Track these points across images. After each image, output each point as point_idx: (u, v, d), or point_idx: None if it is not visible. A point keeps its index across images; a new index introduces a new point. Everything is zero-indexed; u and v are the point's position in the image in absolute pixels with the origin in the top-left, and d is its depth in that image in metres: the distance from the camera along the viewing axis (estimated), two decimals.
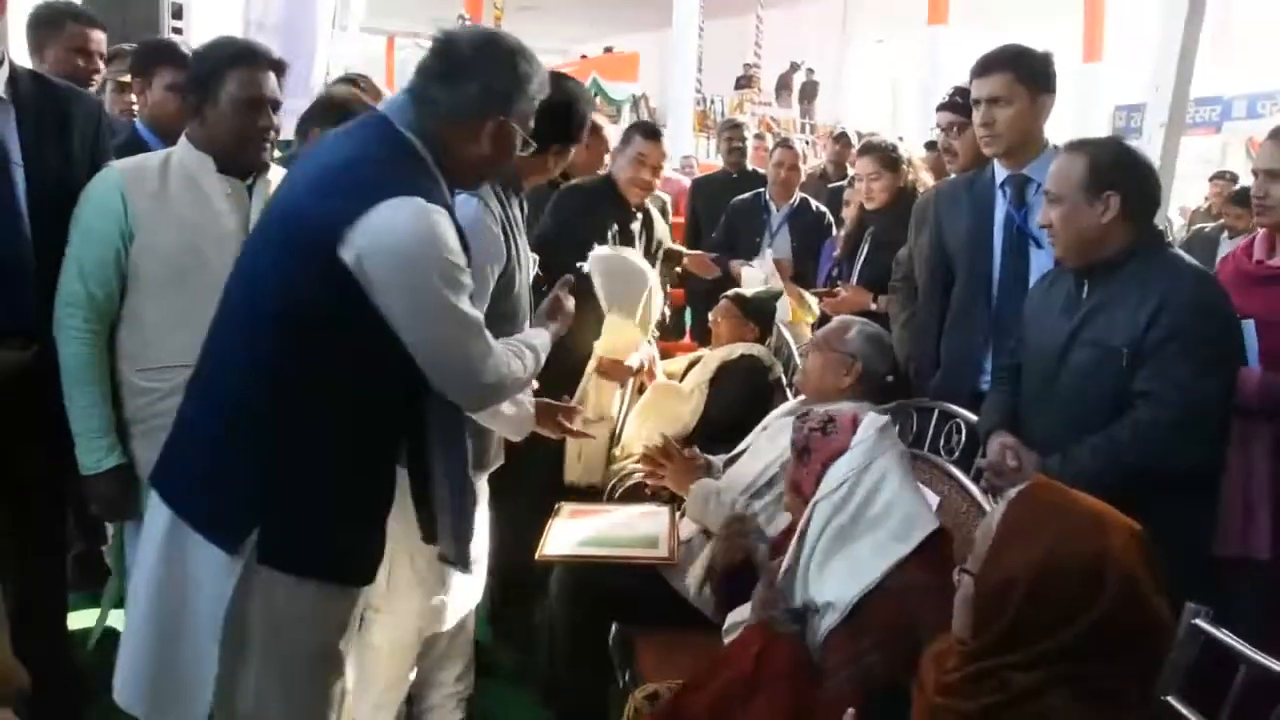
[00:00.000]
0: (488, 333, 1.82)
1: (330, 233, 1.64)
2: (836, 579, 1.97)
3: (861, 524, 2.00)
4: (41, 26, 3.39)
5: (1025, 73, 2.61)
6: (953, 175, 3.29)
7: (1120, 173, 2.13)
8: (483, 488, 2.52)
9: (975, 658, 1.43)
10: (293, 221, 1.74)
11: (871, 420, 2.12)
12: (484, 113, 1.81)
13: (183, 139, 2.31)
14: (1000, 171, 2.71)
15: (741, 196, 5.11)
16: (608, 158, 3.91)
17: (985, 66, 2.65)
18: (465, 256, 1.76)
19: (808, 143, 13.82)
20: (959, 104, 3.14)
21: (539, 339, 2.11)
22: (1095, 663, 1.34)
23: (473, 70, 1.80)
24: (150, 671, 1.81)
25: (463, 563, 2.03)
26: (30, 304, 2.30)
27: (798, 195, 5.05)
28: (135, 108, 3.44)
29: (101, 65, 3.50)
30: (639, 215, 3.73)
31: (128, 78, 3.75)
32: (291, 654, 1.80)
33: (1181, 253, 2.23)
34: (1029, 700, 1.34)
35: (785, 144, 5.18)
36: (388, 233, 1.64)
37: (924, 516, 2.02)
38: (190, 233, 2.22)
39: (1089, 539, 1.36)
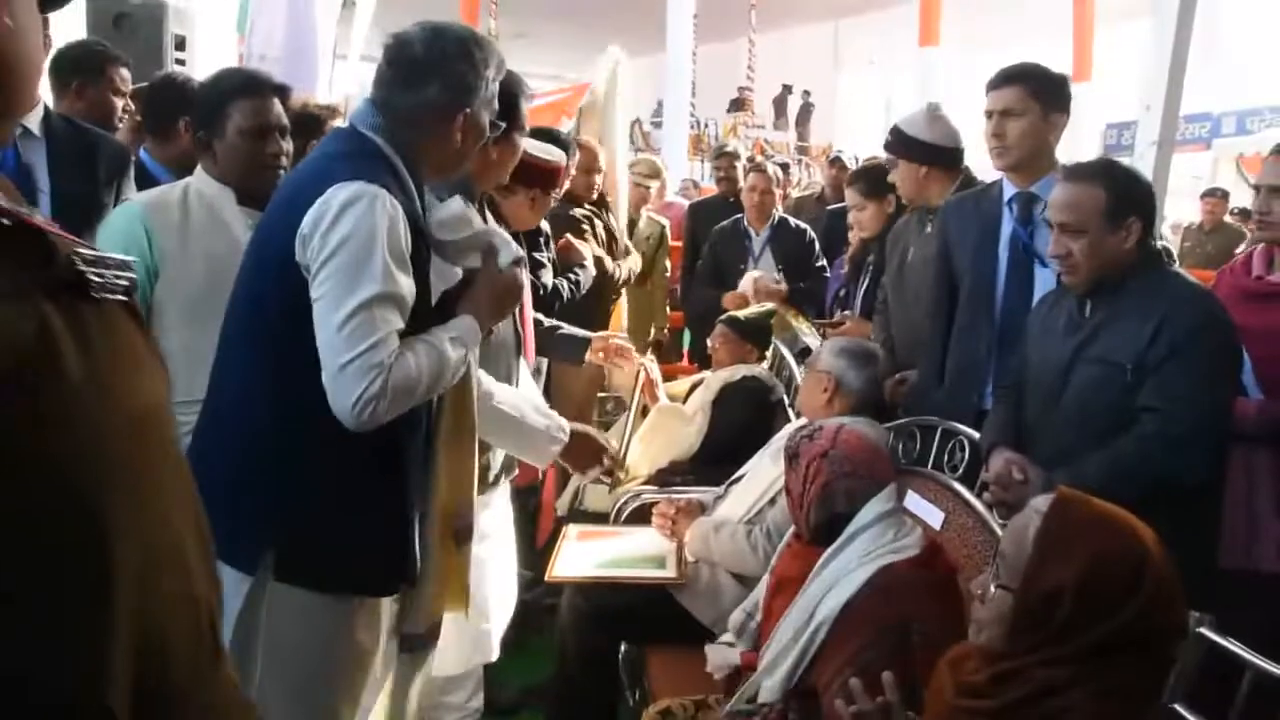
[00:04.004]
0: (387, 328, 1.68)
1: (291, 237, 1.68)
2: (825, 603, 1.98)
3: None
4: (81, 70, 3.37)
5: (1038, 87, 2.66)
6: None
7: (1137, 197, 2.19)
8: (507, 508, 2.54)
9: (1003, 657, 1.46)
10: (263, 241, 1.79)
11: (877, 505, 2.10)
12: (450, 109, 1.82)
13: (199, 170, 2.33)
14: (1008, 188, 2.76)
15: (721, 224, 5.09)
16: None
17: (1001, 80, 2.71)
18: (405, 250, 1.72)
19: (800, 162, 13.88)
20: (889, 142, 3.40)
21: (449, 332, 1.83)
22: (1119, 660, 1.38)
23: (429, 70, 1.80)
24: None
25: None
26: None
27: (775, 215, 5.03)
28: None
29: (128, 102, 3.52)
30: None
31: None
32: (296, 673, 1.79)
33: (1181, 270, 2.27)
34: (1050, 695, 1.38)
35: (758, 168, 5.20)
36: (325, 208, 1.66)
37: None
38: (215, 265, 2.19)
39: (1131, 543, 1.42)
